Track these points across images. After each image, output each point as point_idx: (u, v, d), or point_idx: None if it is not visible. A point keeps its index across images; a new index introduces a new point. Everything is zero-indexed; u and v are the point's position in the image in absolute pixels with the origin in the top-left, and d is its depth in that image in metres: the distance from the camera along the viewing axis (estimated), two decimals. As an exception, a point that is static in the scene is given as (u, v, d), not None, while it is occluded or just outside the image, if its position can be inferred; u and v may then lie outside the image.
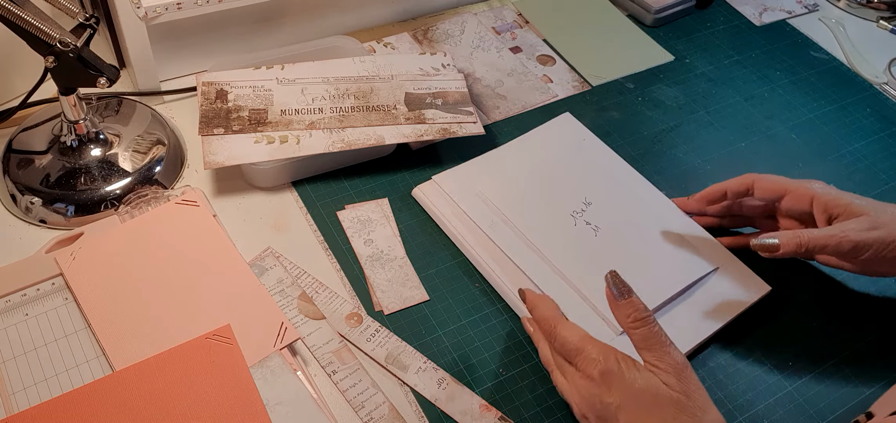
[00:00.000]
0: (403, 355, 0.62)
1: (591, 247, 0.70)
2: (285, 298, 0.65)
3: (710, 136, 0.86)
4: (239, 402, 0.57)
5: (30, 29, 0.63)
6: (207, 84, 0.77)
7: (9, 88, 0.80)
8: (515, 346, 0.65)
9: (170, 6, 0.77)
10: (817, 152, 0.86)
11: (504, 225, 0.71)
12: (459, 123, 0.78)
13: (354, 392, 0.60)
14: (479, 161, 0.78)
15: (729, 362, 0.65)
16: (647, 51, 0.97)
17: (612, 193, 0.75)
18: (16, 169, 0.72)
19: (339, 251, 0.70)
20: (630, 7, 1.02)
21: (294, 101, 0.77)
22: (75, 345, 0.60)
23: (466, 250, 0.70)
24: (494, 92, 0.88)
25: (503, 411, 0.60)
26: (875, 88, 0.95)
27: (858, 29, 1.05)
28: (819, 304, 0.70)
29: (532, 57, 0.94)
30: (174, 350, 0.59)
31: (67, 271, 0.64)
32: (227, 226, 0.70)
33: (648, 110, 0.88)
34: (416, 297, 0.67)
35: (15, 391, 0.57)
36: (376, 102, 0.78)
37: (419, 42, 0.93)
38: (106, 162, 0.72)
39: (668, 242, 0.72)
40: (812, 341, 0.67)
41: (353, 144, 0.74)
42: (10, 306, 0.62)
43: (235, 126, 0.74)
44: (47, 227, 0.70)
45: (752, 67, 0.96)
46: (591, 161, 0.79)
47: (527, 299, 0.62)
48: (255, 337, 0.61)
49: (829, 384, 0.64)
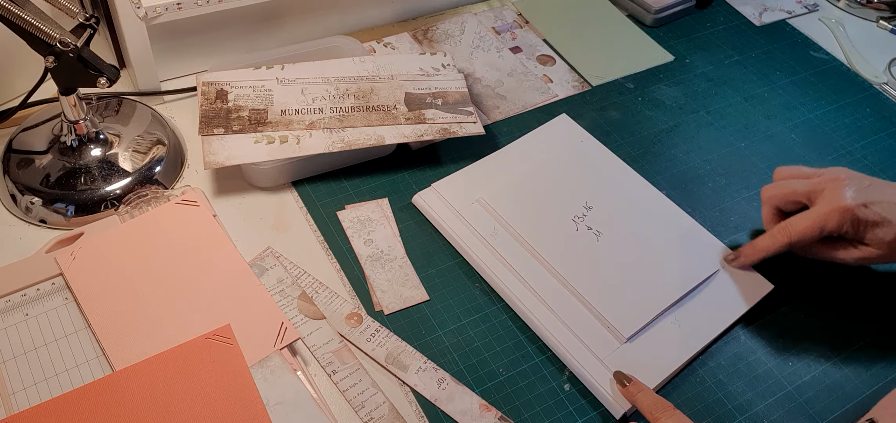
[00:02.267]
0: (403, 355, 0.62)
1: (594, 253, 0.70)
2: (285, 298, 0.65)
3: (710, 136, 0.86)
4: (239, 402, 0.57)
5: (30, 29, 0.63)
6: (207, 84, 0.77)
7: (9, 88, 0.80)
8: (515, 346, 0.65)
9: (170, 6, 0.77)
10: (817, 152, 0.86)
11: (505, 232, 0.71)
12: (459, 124, 0.78)
13: (354, 392, 0.60)
14: (478, 167, 0.77)
15: (729, 362, 0.65)
16: (647, 51, 0.97)
17: (612, 197, 0.75)
18: (16, 169, 0.72)
19: (339, 251, 0.70)
20: (630, 7, 1.02)
21: (294, 101, 0.77)
22: (75, 345, 0.60)
23: (468, 257, 0.70)
24: (494, 92, 0.88)
25: (503, 411, 0.60)
26: (875, 88, 0.95)
27: (858, 29, 1.05)
28: (819, 304, 0.70)
29: (532, 57, 0.94)
30: (174, 350, 0.59)
31: (67, 271, 0.64)
32: (227, 226, 0.70)
33: (648, 110, 0.88)
34: (417, 297, 0.67)
35: (15, 391, 0.58)
36: (376, 103, 0.78)
37: (419, 42, 0.93)
38: (106, 162, 0.72)
39: (670, 245, 0.72)
40: (812, 341, 0.67)
41: (352, 145, 0.74)
42: (10, 306, 0.62)
43: (235, 126, 0.74)
44: (47, 227, 0.70)
45: (752, 67, 0.96)
46: (590, 164, 0.79)
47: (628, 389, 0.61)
48: (255, 337, 0.61)
49: (829, 384, 0.64)
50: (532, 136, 0.82)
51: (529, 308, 0.66)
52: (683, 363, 0.63)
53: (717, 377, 0.64)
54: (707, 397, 0.63)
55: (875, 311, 0.70)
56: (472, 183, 0.75)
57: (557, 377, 0.63)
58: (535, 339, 0.65)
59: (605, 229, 0.72)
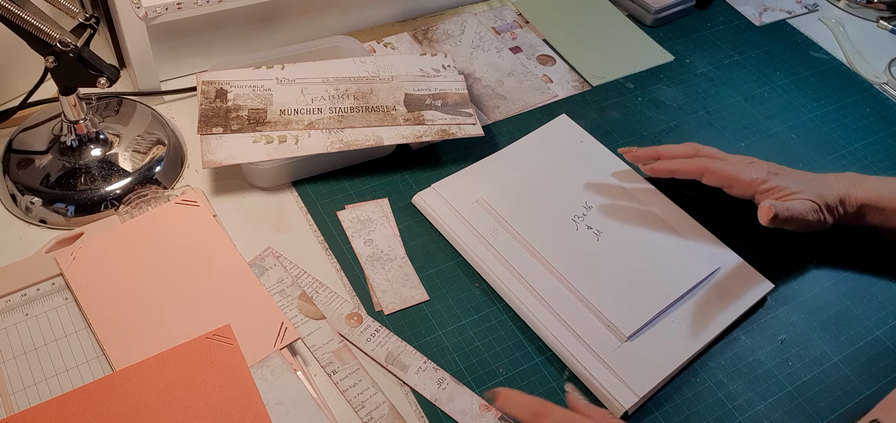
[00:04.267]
0: (403, 355, 0.62)
1: (594, 252, 0.70)
2: (285, 298, 0.65)
3: (710, 136, 0.86)
4: (239, 402, 0.57)
5: (30, 29, 0.63)
6: (207, 83, 0.77)
7: (9, 88, 0.80)
8: (515, 346, 0.65)
9: (170, 6, 0.77)
10: (817, 152, 0.86)
11: (505, 232, 0.71)
12: (458, 125, 0.78)
13: (354, 392, 0.60)
14: (478, 167, 0.78)
15: (729, 362, 0.65)
16: (647, 51, 0.97)
17: (612, 197, 0.75)
18: (16, 169, 0.72)
19: (339, 251, 0.70)
20: (630, 7, 1.02)
21: (293, 101, 0.77)
22: (75, 345, 0.60)
23: (469, 257, 0.70)
24: (494, 92, 0.88)
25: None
26: (875, 88, 0.95)
27: (858, 29, 1.05)
28: (819, 303, 0.70)
29: (532, 57, 0.94)
30: (174, 350, 0.59)
31: (67, 271, 0.64)
32: (227, 226, 0.70)
33: (648, 110, 0.88)
34: (417, 297, 0.67)
35: (15, 391, 0.57)
36: (376, 103, 0.78)
37: (419, 42, 0.93)
38: (106, 162, 0.72)
39: (669, 244, 0.72)
40: (812, 341, 0.67)
41: (351, 145, 0.74)
42: (10, 306, 0.62)
43: (234, 126, 0.74)
44: (47, 227, 0.70)
45: (752, 67, 0.96)
46: (590, 164, 0.79)
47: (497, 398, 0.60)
48: (255, 337, 0.61)
49: (829, 384, 0.64)
50: (532, 136, 0.82)
51: (529, 308, 0.66)
52: (684, 362, 0.63)
53: (717, 377, 0.64)
54: (707, 397, 0.63)
55: (875, 311, 0.70)
56: (472, 183, 0.75)
57: (557, 377, 0.63)
58: (535, 339, 0.65)
59: (605, 229, 0.72)
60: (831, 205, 0.69)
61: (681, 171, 0.73)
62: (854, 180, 0.71)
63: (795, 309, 0.70)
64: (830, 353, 0.67)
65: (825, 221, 0.69)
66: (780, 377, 0.64)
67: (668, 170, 0.73)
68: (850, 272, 0.73)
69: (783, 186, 0.69)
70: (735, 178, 0.70)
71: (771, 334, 0.68)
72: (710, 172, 0.71)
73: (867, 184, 0.71)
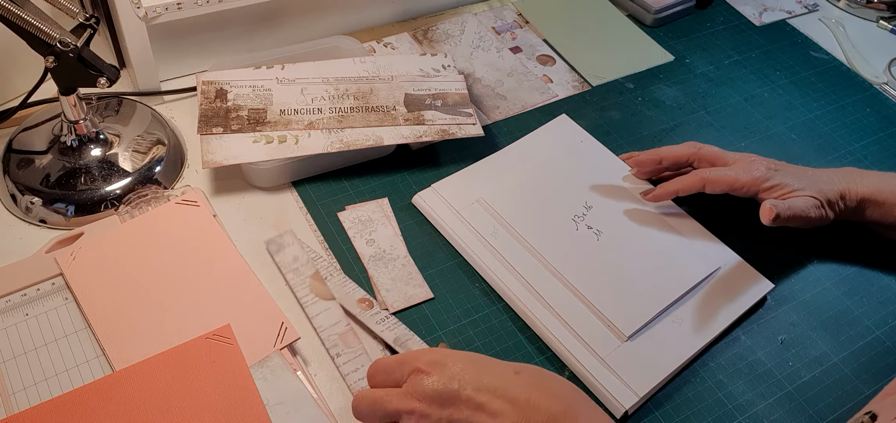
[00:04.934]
0: (411, 342, 0.63)
1: (594, 252, 0.70)
2: (299, 276, 0.66)
3: (710, 136, 0.86)
4: (239, 402, 0.57)
5: (30, 29, 0.63)
6: (207, 83, 0.77)
7: (9, 88, 0.80)
8: (515, 346, 0.65)
9: (170, 6, 0.77)
10: (817, 152, 0.86)
11: (505, 232, 0.71)
12: (458, 125, 0.78)
13: (356, 377, 0.60)
14: (478, 167, 0.78)
15: (729, 362, 0.65)
16: (647, 51, 0.97)
17: (612, 196, 0.75)
18: (16, 169, 0.72)
19: (339, 251, 0.70)
20: (630, 7, 1.02)
21: (293, 101, 0.77)
22: (75, 345, 0.60)
23: (469, 257, 0.70)
24: (494, 92, 0.88)
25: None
26: (875, 88, 0.95)
27: (858, 29, 1.05)
28: (819, 304, 0.70)
29: (532, 57, 0.94)
30: (174, 350, 0.59)
31: (67, 271, 0.64)
32: (227, 226, 0.70)
33: (648, 110, 0.88)
34: (421, 295, 0.67)
35: (15, 391, 0.57)
36: (376, 103, 0.78)
37: (419, 42, 0.93)
38: (106, 162, 0.72)
39: (669, 244, 0.72)
40: (812, 341, 0.67)
41: (351, 145, 0.74)
42: (10, 306, 0.62)
43: (234, 126, 0.74)
44: (47, 227, 0.70)
45: (752, 67, 0.96)
46: (590, 164, 0.79)
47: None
48: (255, 337, 0.61)
49: (829, 383, 0.64)
50: (532, 136, 0.82)
51: (529, 308, 0.66)
52: (684, 361, 0.63)
53: (717, 377, 0.64)
54: (707, 397, 0.63)
55: (875, 311, 0.70)
56: (473, 183, 0.75)
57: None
58: (535, 339, 0.65)
59: (605, 229, 0.72)
60: (832, 200, 0.70)
61: (683, 190, 0.72)
62: (854, 175, 0.72)
63: (795, 309, 0.70)
64: (830, 353, 0.67)
65: (826, 216, 0.69)
66: (780, 377, 0.64)
67: (668, 193, 0.73)
68: (850, 272, 0.73)
69: (785, 183, 0.69)
70: (736, 181, 0.70)
71: (771, 333, 0.68)
72: (711, 181, 0.71)
73: (867, 178, 0.71)
